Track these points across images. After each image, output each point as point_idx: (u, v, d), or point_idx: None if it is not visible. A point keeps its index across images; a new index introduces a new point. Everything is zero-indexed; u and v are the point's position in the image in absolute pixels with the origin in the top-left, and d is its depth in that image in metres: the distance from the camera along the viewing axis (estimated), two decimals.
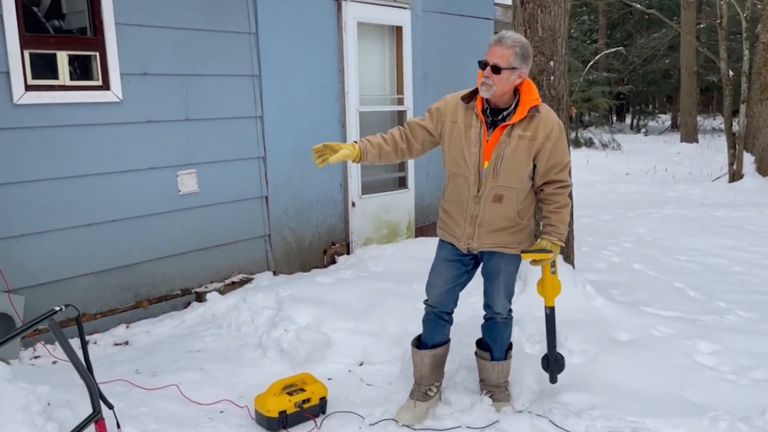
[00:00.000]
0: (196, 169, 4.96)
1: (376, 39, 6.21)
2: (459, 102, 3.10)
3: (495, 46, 2.89)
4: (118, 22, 4.38)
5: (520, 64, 2.90)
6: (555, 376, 3.37)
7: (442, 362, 3.43)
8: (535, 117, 2.98)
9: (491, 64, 2.88)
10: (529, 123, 2.98)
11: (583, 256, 6.14)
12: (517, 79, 2.93)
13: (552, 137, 2.99)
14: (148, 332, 4.47)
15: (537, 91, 3.04)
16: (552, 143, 2.99)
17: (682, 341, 4.00)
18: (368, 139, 3.17)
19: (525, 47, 2.91)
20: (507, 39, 2.88)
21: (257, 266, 5.44)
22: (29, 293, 4.14)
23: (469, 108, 3.07)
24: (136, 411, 3.24)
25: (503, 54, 2.86)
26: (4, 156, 4.00)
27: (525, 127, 2.98)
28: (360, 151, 3.10)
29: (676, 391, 3.45)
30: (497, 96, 2.95)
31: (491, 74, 2.88)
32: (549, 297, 3.25)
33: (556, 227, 3.07)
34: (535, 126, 2.98)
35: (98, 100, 4.36)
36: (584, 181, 13.06)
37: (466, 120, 3.06)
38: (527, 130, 2.98)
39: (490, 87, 2.90)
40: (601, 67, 24.25)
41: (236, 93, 5.14)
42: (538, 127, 2.98)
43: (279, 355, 3.96)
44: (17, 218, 4.09)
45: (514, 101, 3.01)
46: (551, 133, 2.99)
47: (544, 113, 3.01)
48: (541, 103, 3.02)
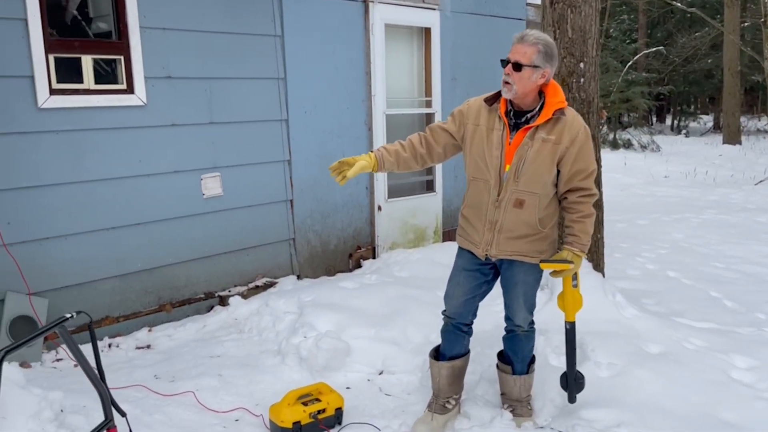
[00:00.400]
0: (221, 172, 4.94)
1: (404, 40, 6.12)
2: (482, 104, 3.01)
3: (518, 43, 2.80)
4: (142, 26, 4.38)
5: (543, 63, 2.79)
6: (574, 396, 3.22)
7: (461, 374, 3.33)
8: (560, 120, 2.86)
9: (512, 61, 2.78)
10: (554, 126, 2.87)
11: (616, 263, 5.97)
12: (540, 78, 2.81)
13: (577, 142, 2.86)
14: (170, 336, 4.46)
15: (563, 94, 2.92)
16: (577, 148, 2.87)
17: (717, 355, 3.82)
18: (385, 147, 3.11)
19: (549, 46, 2.80)
20: (530, 36, 2.78)
21: (281, 270, 5.40)
22: (53, 296, 4.17)
23: (493, 110, 2.97)
24: (151, 418, 3.21)
25: (525, 51, 2.76)
26: (29, 160, 4.03)
27: (549, 130, 2.87)
28: (376, 160, 3.03)
29: (709, 409, 3.28)
30: (520, 96, 2.84)
31: (512, 72, 2.78)
32: (569, 312, 3.11)
33: (579, 237, 2.94)
34: (560, 129, 2.86)
35: (122, 104, 4.37)
36: (621, 183, 12.78)
37: (488, 122, 2.97)
38: (552, 134, 2.86)
39: (510, 86, 2.81)
40: (640, 67, 23.72)
41: (261, 96, 5.11)
42: (563, 131, 2.86)
43: (298, 362, 3.90)
44: (42, 221, 4.12)
45: (538, 103, 2.90)
46: (576, 137, 2.86)
47: (570, 116, 2.89)
48: (567, 106, 2.90)
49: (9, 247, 3.95)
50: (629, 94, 21.08)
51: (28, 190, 4.05)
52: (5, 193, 3.94)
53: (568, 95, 4.36)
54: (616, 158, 17.26)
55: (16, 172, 3.98)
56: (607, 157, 17.33)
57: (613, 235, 7.24)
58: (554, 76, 4.38)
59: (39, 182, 4.08)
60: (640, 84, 21.79)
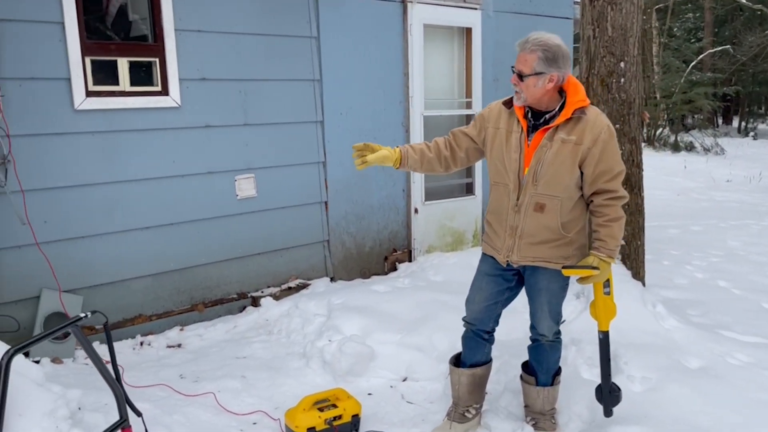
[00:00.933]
0: (254, 173, 4.96)
1: (443, 41, 6.02)
2: (502, 107, 2.92)
3: (519, 51, 2.70)
4: (177, 29, 4.44)
5: (547, 68, 2.65)
6: (610, 409, 3.07)
7: (482, 383, 3.22)
8: (581, 119, 2.73)
9: (516, 71, 2.70)
10: (575, 126, 2.74)
11: (663, 270, 5.72)
12: (548, 83, 2.69)
13: (600, 142, 2.72)
14: (200, 336, 4.50)
15: (584, 92, 2.78)
16: (600, 148, 2.72)
17: (763, 372, 3.58)
18: (410, 145, 3.07)
19: (551, 49, 2.65)
20: (529, 43, 2.66)
21: (315, 272, 5.39)
22: (88, 293, 4.26)
23: (512, 113, 2.87)
24: (170, 419, 3.22)
25: (526, 59, 2.67)
26: (66, 160, 4.12)
27: (570, 130, 2.74)
28: (400, 154, 2.97)
29: (749, 431, 3.07)
30: (531, 102, 2.75)
31: (518, 82, 2.70)
32: (602, 320, 2.96)
33: (605, 242, 2.79)
34: (581, 129, 2.73)
35: (157, 106, 4.43)
36: (679, 187, 12.31)
37: (507, 125, 2.87)
38: (572, 134, 2.73)
39: (519, 95, 2.74)
40: (705, 67, 22.81)
41: (296, 97, 5.10)
42: (585, 131, 2.72)
43: (321, 366, 3.86)
44: (78, 220, 4.21)
45: (559, 103, 2.77)
46: (599, 136, 2.72)
47: (591, 115, 2.75)
48: (589, 105, 2.76)
49: (46, 246, 4.05)
50: (692, 95, 20.32)
51: (65, 189, 4.14)
52: (42, 192, 4.04)
53: (608, 95, 4.19)
54: (676, 161, 16.68)
55: (53, 172, 4.08)
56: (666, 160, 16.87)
57: (663, 242, 6.95)
58: (594, 76, 4.26)
59: (75, 182, 4.17)
60: (704, 84, 20.97)
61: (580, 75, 4.35)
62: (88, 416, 2.95)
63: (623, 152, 4.22)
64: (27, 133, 3.92)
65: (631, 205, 4.27)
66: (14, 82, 3.86)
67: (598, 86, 4.21)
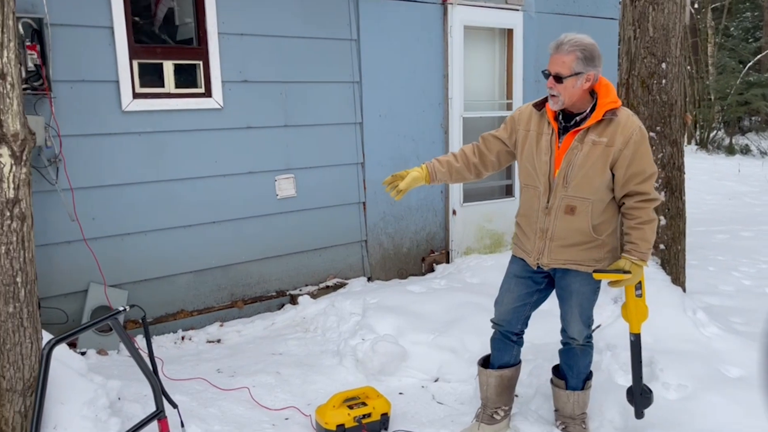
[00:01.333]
0: (294, 174, 5.05)
1: (484, 42, 6.01)
2: (532, 110, 2.92)
3: (555, 53, 2.67)
4: (221, 32, 4.56)
5: (585, 68, 2.65)
6: (641, 411, 3.04)
7: (510, 385, 3.22)
8: (612, 121, 2.71)
9: (553, 73, 2.66)
10: (606, 127, 2.72)
11: (708, 276, 5.57)
12: (585, 83, 2.68)
13: (631, 143, 2.70)
14: (239, 332, 4.61)
15: (615, 93, 2.76)
16: (631, 150, 2.70)
17: None
18: (437, 159, 3.09)
19: (587, 48, 2.64)
20: (565, 44, 2.64)
21: (353, 271, 5.45)
22: (133, 288, 4.42)
23: (542, 115, 2.87)
24: (205, 411, 3.32)
25: (564, 61, 2.64)
26: (115, 159, 4.28)
27: (601, 132, 2.72)
28: (428, 171, 3.00)
29: None
30: (568, 105, 2.73)
31: (555, 84, 2.67)
32: (634, 323, 2.94)
33: (637, 245, 2.76)
34: (613, 131, 2.71)
35: (200, 107, 4.56)
36: (731, 191, 11.94)
37: (538, 127, 2.87)
38: (603, 135, 2.72)
39: (557, 98, 2.71)
40: (764, 68, 22.03)
41: (336, 99, 5.18)
42: (616, 132, 2.70)
43: (354, 364, 3.91)
44: (124, 217, 4.37)
45: (590, 104, 2.76)
46: (631, 138, 2.70)
47: (623, 117, 2.73)
48: (621, 106, 2.74)
49: (93, 242, 4.21)
50: (749, 96, 19.65)
51: (112, 188, 4.31)
52: (91, 190, 4.21)
53: (648, 97, 4.12)
54: (730, 164, 16.15)
55: (101, 171, 4.24)
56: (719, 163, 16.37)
57: (709, 247, 6.78)
58: (634, 77, 4.20)
59: (122, 180, 4.33)
60: (761, 85, 20.25)
61: (620, 76, 4.28)
62: (127, 406, 3.06)
63: (664, 155, 4.15)
64: (77, 134, 4.09)
65: (672, 209, 4.19)
66: (66, 85, 4.03)
67: (638, 88, 4.14)
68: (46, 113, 3.93)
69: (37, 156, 3.88)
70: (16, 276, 2.46)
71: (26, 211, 2.48)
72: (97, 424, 2.73)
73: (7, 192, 2.40)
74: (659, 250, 4.20)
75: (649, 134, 4.09)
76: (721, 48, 21.60)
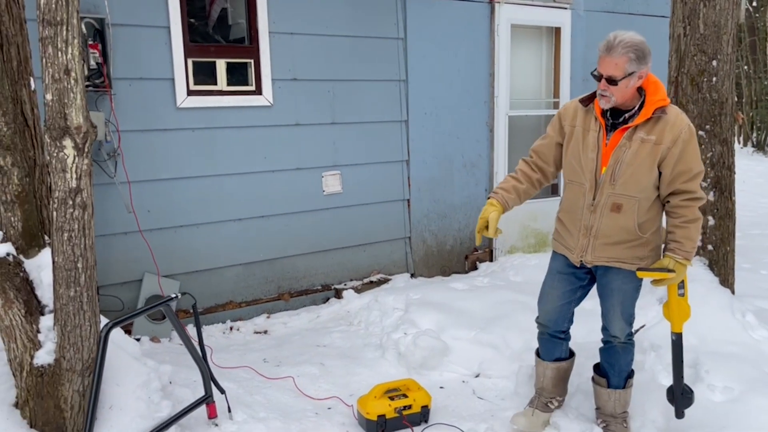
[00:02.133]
0: (340, 170, 5.14)
1: (531, 40, 6.00)
2: (578, 105, 2.91)
3: (606, 56, 2.64)
4: (271, 31, 4.68)
5: (638, 66, 2.63)
6: (682, 411, 3.02)
7: (566, 376, 3.27)
8: (661, 119, 2.70)
9: (606, 76, 2.64)
10: (655, 125, 2.70)
11: (760, 280, 5.45)
12: (637, 81, 2.67)
13: (680, 141, 2.68)
14: (285, 324, 4.73)
15: (664, 90, 2.74)
16: (680, 148, 2.68)
17: None
18: (501, 188, 3.03)
19: (639, 48, 2.62)
20: (617, 47, 2.60)
21: (396, 267, 5.51)
22: (185, 279, 4.58)
23: (589, 110, 2.86)
24: (251, 398, 3.43)
25: (617, 63, 2.61)
26: (169, 154, 4.45)
27: (650, 129, 2.71)
28: (501, 204, 2.95)
29: None
30: (619, 103, 2.72)
31: (608, 86, 2.65)
32: (676, 322, 2.92)
33: (681, 244, 2.74)
34: (661, 129, 2.69)
35: (251, 104, 4.69)
36: None
37: (584, 123, 2.86)
38: (652, 133, 2.70)
39: (609, 98, 2.69)
40: None
41: (382, 97, 5.25)
42: (665, 130, 2.69)
43: (396, 357, 3.98)
44: (178, 210, 4.54)
45: (638, 101, 2.74)
46: (679, 136, 2.68)
47: (672, 114, 2.71)
48: (669, 104, 2.73)
49: (149, 233, 4.39)
50: None
51: (166, 182, 4.47)
52: (147, 184, 4.38)
53: (698, 95, 4.06)
54: None
55: (157, 165, 4.41)
56: None
57: (763, 251, 6.61)
58: (683, 75, 4.15)
59: (176, 175, 4.50)
60: None
61: (669, 74, 4.23)
62: (177, 390, 3.20)
63: (713, 154, 4.08)
64: (134, 129, 4.27)
65: (721, 209, 4.11)
66: (124, 82, 4.21)
67: (687, 85, 4.08)
68: (106, 109, 4.11)
69: (97, 150, 4.07)
70: (77, 261, 2.60)
71: (87, 201, 2.62)
72: (149, 405, 2.87)
73: (70, 182, 2.54)
74: (707, 251, 4.13)
75: (699, 133, 4.06)
76: None
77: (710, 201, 4.11)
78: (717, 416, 3.17)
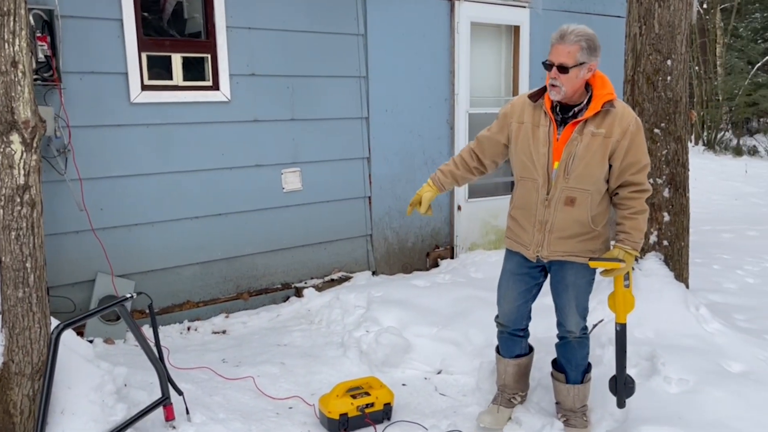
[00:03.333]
0: (300, 167, 5.08)
1: (490, 39, 6.03)
2: (526, 101, 2.92)
3: (558, 44, 2.68)
4: (229, 26, 4.59)
5: (588, 58, 2.67)
6: (623, 401, 3.05)
7: (527, 372, 3.30)
8: (609, 112, 2.75)
9: (557, 64, 2.67)
10: (603, 119, 2.76)
11: (712, 274, 5.58)
12: (587, 73, 2.71)
13: (629, 134, 2.74)
14: (244, 323, 4.65)
15: (611, 86, 2.80)
16: (628, 141, 2.75)
17: None
18: (440, 170, 3.17)
19: (591, 39, 2.68)
20: (570, 35, 2.66)
21: (357, 265, 5.48)
22: (140, 278, 4.46)
23: (537, 106, 2.88)
24: (210, 399, 3.36)
25: (569, 51, 2.65)
26: (123, 150, 4.33)
27: (599, 123, 2.76)
28: (436, 185, 3.08)
29: None
30: (569, 94, 2.74)
31: (558, 75, 2.68)
32: (620, 313, 2.95)
33: (630, 234, 2.80)
34: (610, 122, 2.75)
35: (208, 100, 4.60)
36: (737, 192, 11.92)
37: (533, 119, 2.87)
38: (601, 127, 2.75)
39: (559, 89, 2.71)
40: None
41: (343, 94, 5.21)
42: (614, 124, 2.75)
43: (358, 355, 3.95)
44: (133, 208, 4.42)
45: (586, 97, 2.79)
46: (628, 128, 2.74)
47: (619, 108, 2.77)
48: (616, 98, 2.78)
49: (101, 232, 4.26)
50: (757, 97, 19.57)
51: (120, 179, 4.35)
52: (100, 181, 4.26)
53: (654, 94, 4.13)
54: (737, 165, 16.10)
55: (110, 162, 4.28)
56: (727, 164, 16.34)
57: (715, 246, 6.78)
58: (640, 74, 4.22)
59: (130, 172, 4.38)
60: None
61: (626, 73, 4.30)
62: (133, 393, 3.10)
63: (668, 151, 4.16)
64: (86, 124, 4.14)
65: (676, 206, 4.20)
66: (75, 76, 4.08)
67: (643, 84, 4.15)
68: (55, 104, 3.98)
69: (46, 146, 3.92)
70: (25, 261, 2.50)
71: (36, 198, 2.52)
72: (104, 409, 2.78)
73: (17, 178, 2.44)
74: (663, 247, 4.21)
75: (654, 131, 4.14)
76: (729, 49, 21.51)
77: (665, 198, 4.19)
78: (673, 407, 3.22)
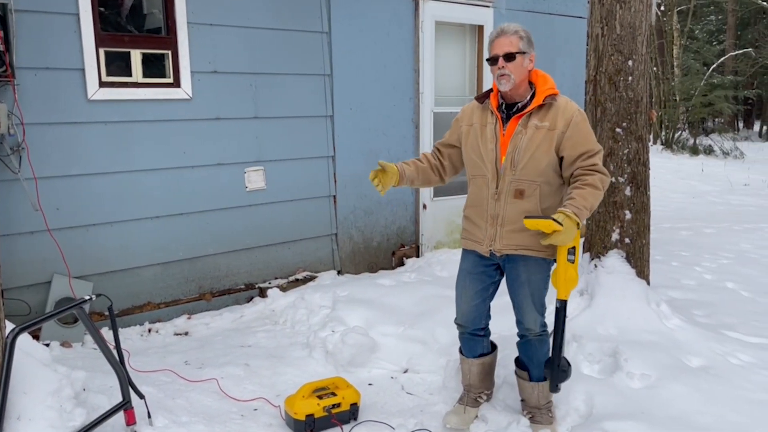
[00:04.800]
0: (264, 166, 5.02)
1: (455, 38, 6.05)
2: (474, 104, 3.07)
3: (498, 38, 2.84)
4: (190, 22, 4.51)
5: (528, 48, 2.85)
6: (557, 384, 3.00)
7: (491, 370, 3.32)
8: (552, 106, 2.86)
9: (502, 54, 2.79)
10: (547, 113, 2.85)
11: (672, 271, 5.68)
12: (529, 63, 2.86)
13: (573, 125, 2.82)
14: (207, 324, 4.57)
15: (553, 81, 2.91)
16: (574, 131, 2.82)
17: (764, 372, 3.57)
18: (405, 161, 3.17)
19: (527, 32, 2.89)
20: (508, 28, 2.85)
21: (322, 265, 5.44)
22: (99, 280, 4.35)
23: (485, 107, 3.00)
24: (173, 402, 3.28)
25: (510, 41, 2.82)
26: (80, 149, 4.21)
27: (542, 117, 2.85)
28: (398, 170, 3.05)
29: (748, 430, 3.07)
30: (516, 85, 2.83)
31: (506, 63, 2.79)
32: (562, 288, 2.86)
33: (574, 200, 2.74)
34: (554, 115, 2.84)
35: (169, 97, 4.50)
36: (695, 191, 12.21)
37: (482, 120, 2.99)
38: (545, 120, 2.84)
39: (508, 77, 2.80)
40: (727, 71, 22.55)
41: (307, 92, 5.16)
42: (557, 116, 2.83)
43: (324, 356, 3.91)
44: (90, 208, 4.30)
45: (530, 93, 2.90)
46: (572, 119, 2.83)
47: (561, 102, 2.88)
48: (558, 93, 2.89)
49: (58, 232, 4.14)
50: (712, 98, 20.10)
51: (77, 177, 4.23)
52: (55, 180, 4.13)
53: (615, 94, 4.19)
54: (694, 164, 16.51)
55: (66, 161, 4.17)
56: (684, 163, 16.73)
57: (674, 243, 6.91)
58: (602, 74, 4.27)
59: (87, 170, 4.26)
60: (724, 87, 20.71)
61: (588, 73, 4.35)
62: (92, 397, 3.01)
63: (630, 150, 4.22)
64: (41, 122, 4.02)
65: (637, 204, 4.26)
66: (30, 72, 3.95)
67: (605, 84, 4.21)
68: (9, 101, 3.85)
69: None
70: None
71: None
72: (61, 414, 2.68)
73: None
74: (624, 244, 4.27)
75: (616, 130, 4.20)
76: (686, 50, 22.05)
77: (627, 196, 4.25)
78: (636, 402, 3.27)
